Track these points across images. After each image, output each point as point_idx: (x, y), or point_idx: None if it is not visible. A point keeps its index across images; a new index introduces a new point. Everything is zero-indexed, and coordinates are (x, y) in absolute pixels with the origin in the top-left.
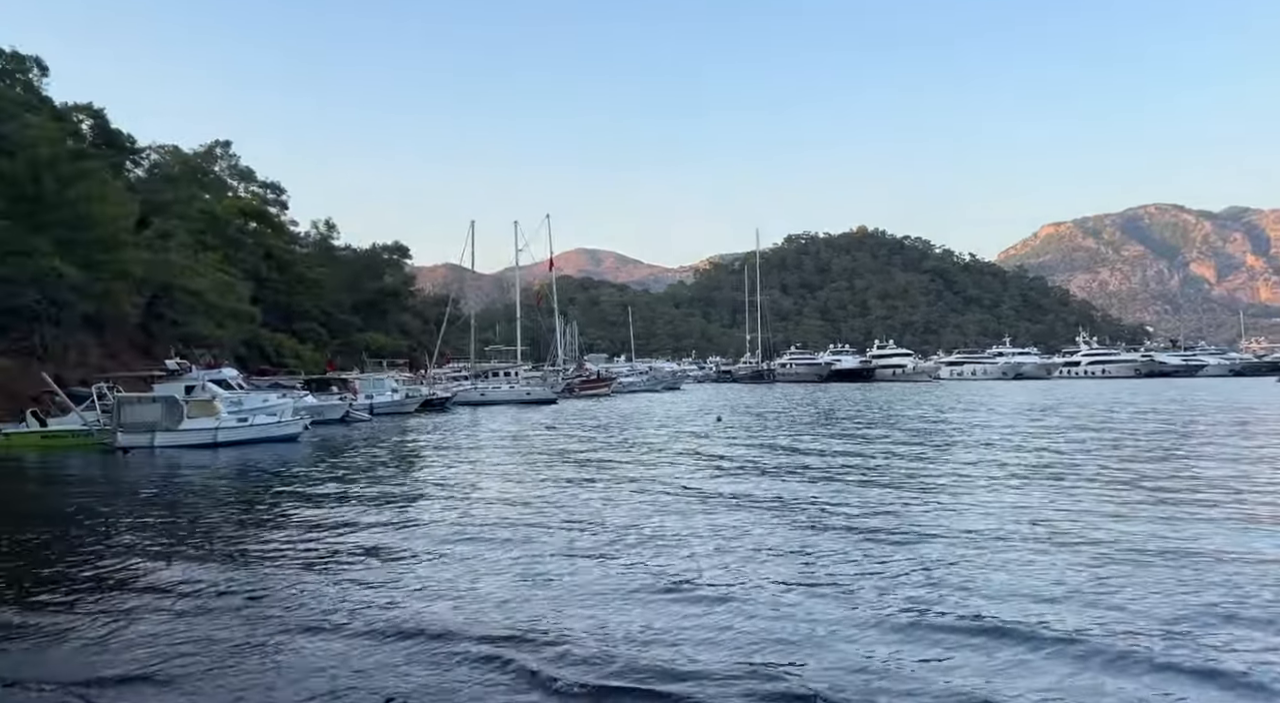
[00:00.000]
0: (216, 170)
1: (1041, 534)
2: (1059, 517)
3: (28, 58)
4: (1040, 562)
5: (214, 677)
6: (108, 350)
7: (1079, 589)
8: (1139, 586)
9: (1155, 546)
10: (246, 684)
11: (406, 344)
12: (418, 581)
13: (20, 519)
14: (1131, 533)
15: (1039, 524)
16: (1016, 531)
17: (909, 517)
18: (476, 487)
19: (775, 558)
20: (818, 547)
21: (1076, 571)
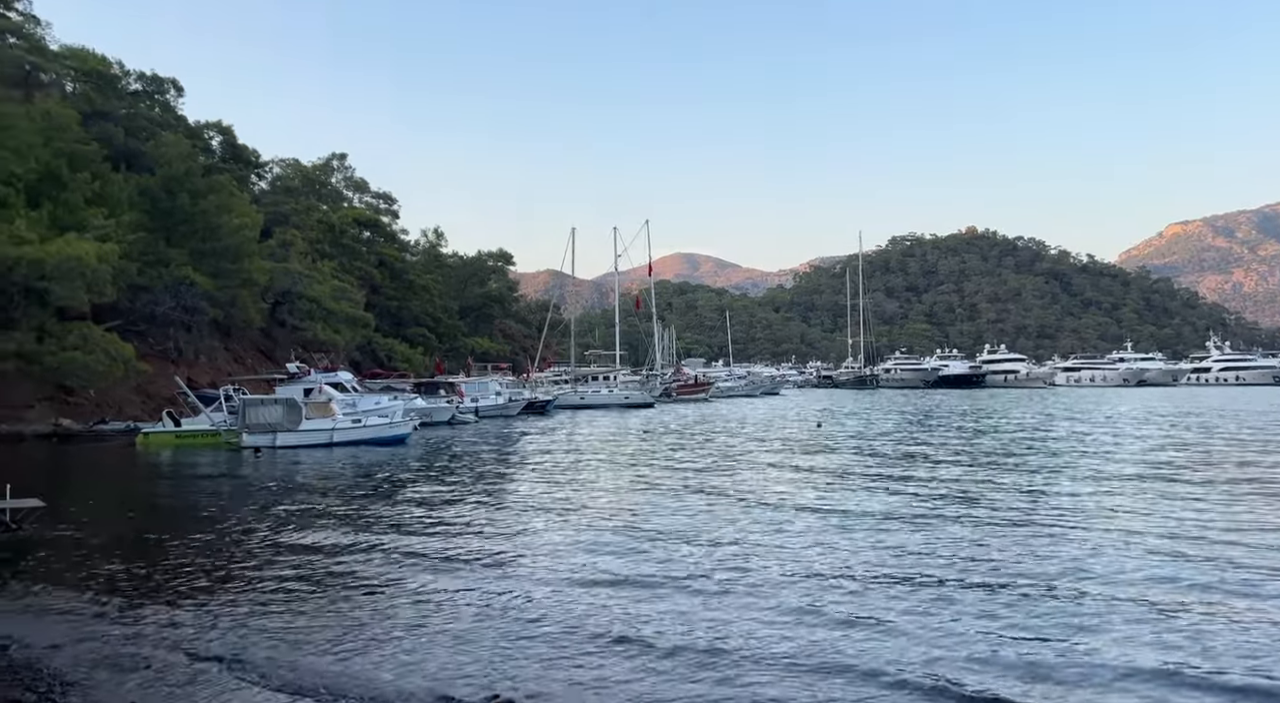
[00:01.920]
0: (333, 182)
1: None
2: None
3: (165, 80)
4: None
5: (344, 657)
6: (234, 355)
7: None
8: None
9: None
10: (386, 664)
11: (510, 348)
12: (525, 579)
13: (172, 512)
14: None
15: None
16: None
17: (1039, 553)
18: (577, 491)
19: (891, 586)
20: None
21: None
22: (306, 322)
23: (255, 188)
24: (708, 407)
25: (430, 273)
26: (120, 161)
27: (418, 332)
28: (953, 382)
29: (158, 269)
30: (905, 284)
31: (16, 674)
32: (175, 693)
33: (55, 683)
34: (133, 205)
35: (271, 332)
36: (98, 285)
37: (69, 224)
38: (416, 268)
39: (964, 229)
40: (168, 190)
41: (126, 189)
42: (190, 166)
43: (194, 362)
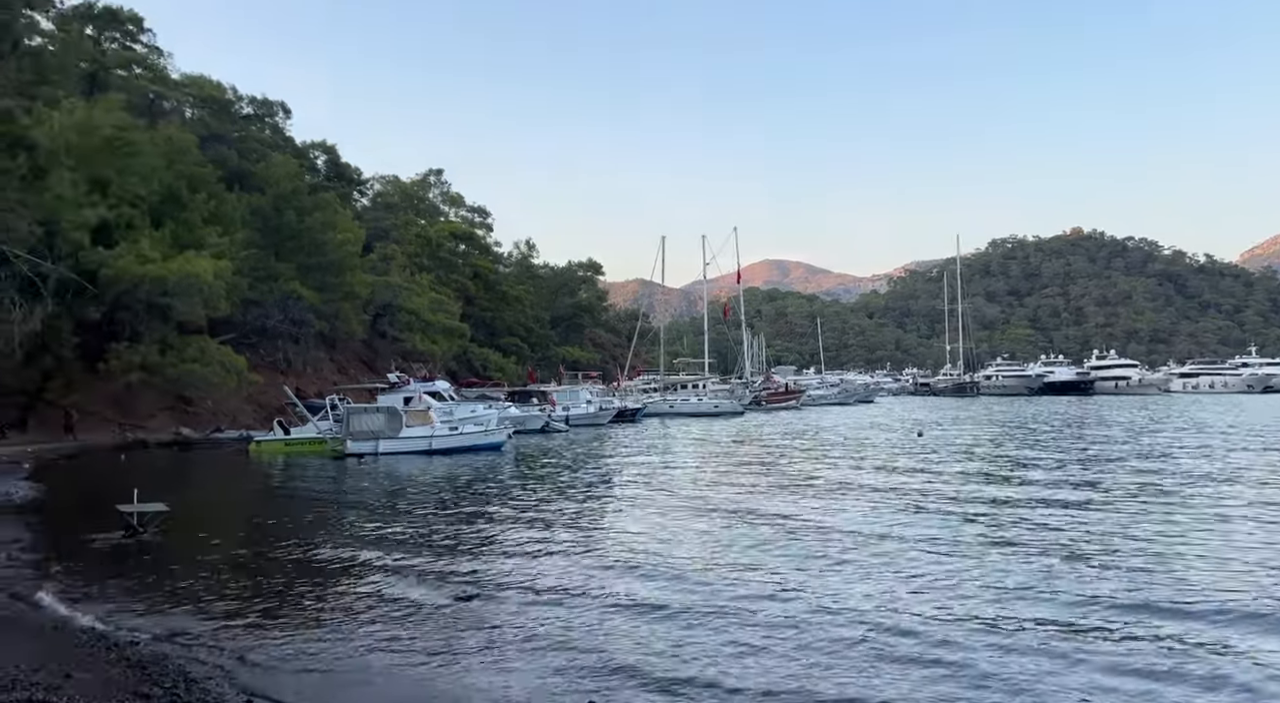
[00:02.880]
0: (430, 197)
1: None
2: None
3: (274, 103)
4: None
5: (448, 666)
6: (338, 365)
7: None
8: None
9: None
10: (483, 675)
11: (599, 357)
12: (620, 584)
13: (284, 517)
14: None
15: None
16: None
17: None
18: (670, 500)
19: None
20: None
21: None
22: (406, 333)
23: (357, 204)
24: (799, 415)
25: (522, 284)
26: (234, 182)
27: (511, 341)
28: (1059, 389)
29: (268, 284)
30: (1006, 288)
31: (145, 670)
32: (290, 687)
33: (180, 679)
34: (245, 223)
35: (373, 343)
36: (213, 300)
37: (188, 242)
38: (509, 279)
39: (1069, 230)
40: (277, 208)
41: (239, 208)
42: (297, 185)
43: (301, 372)
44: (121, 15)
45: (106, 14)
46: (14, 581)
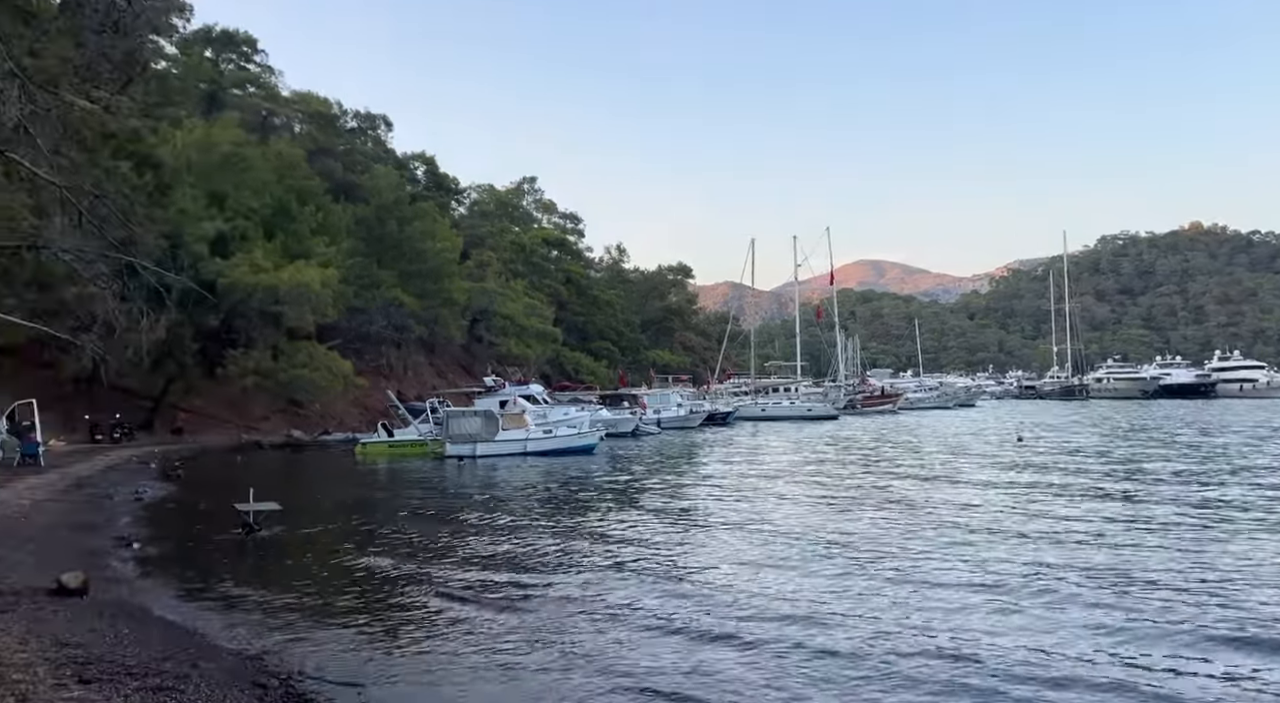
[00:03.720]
0: (524, 204)
1: None
2: None
3: (377, 116)
4: None
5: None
6: (438, 369)
7: None
8: None
9: None
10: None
11: (690, 361)
12: (719, 590)
13: (388, 516)
14: None
15: None
16: None
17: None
18: (763, 505)
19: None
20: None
21: None
22: (501, 337)
23: (455, 213)
24: (896, 419)
25: (613, 288)
26: (339, 194)
27: (602, 345)
28: (1176, 392)
29: (371, 291)
30: (1117, 287)
31: (262, 661)
32: (387, 680)
33: (294, 672)
34: (349, 233)
35: (470, 347)
36: (321, 307)
37: (297, 252)
38: (600, 284)
39: (1186, 225)
40: (379, 218)
41: (344, 218)
42: (399, 196)
43: (403, 376)
44: (237, 37)
45: (224, 37)
46: (144, 574)
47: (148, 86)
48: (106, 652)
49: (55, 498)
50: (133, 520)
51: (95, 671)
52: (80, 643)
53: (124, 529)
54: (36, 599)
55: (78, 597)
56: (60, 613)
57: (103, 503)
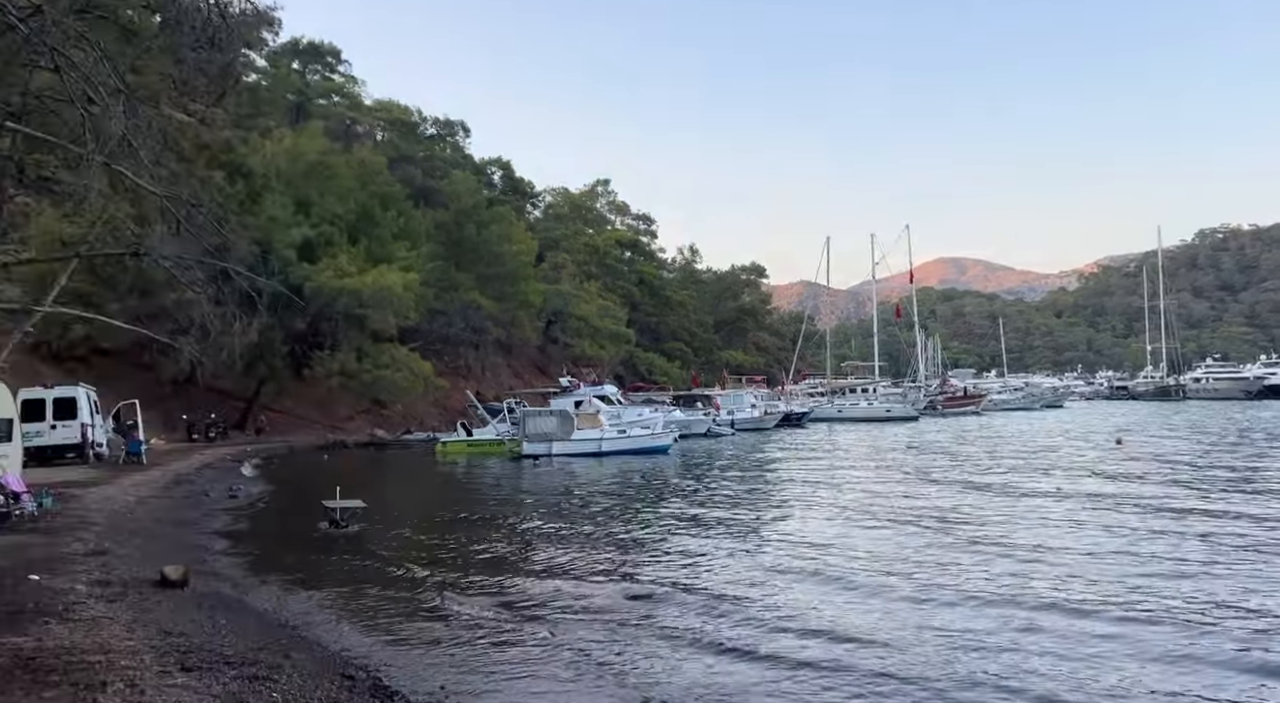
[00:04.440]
0: (597, 207)
1: None
2: None
3: (455, 123)
4: None
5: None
6: (514, 370)
7: None
8: None
9: None
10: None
11: (764, 361)
12: (790, 599)
13: (469, 513)
14: None
15: None
16: None
17: None
18: (838, 512)
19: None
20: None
21: None
22: (575, 338)
23: (530, 216)
24: (979, 420)
25: (686, 289)
26: (419, 199)
27: (675, 346)
28: None
29: (450, 294)
30: (1217, 282)
31: (351, 653)
32: (466, 675)
33: (381, 665)
34: (429, 237)
35: (545, 348)
36: (403, 310)
37: (380, 257)
38: (673, 284)
39: None
40: (458, 223)
41: (424, 223)
42: (476, 200)
43: (481, 377)
44: (323, 49)
45: (310, 48)
46: (238, 568)
47: (239, 99)
48: (205, 641)
49: (157, 494)
50: (228, 517)
51: (196, 659)
52: (182, 632)
53: (220, 525)
54: (142, 590)
55: (179, 589)
56: (163, 604)
57: (200, 500)
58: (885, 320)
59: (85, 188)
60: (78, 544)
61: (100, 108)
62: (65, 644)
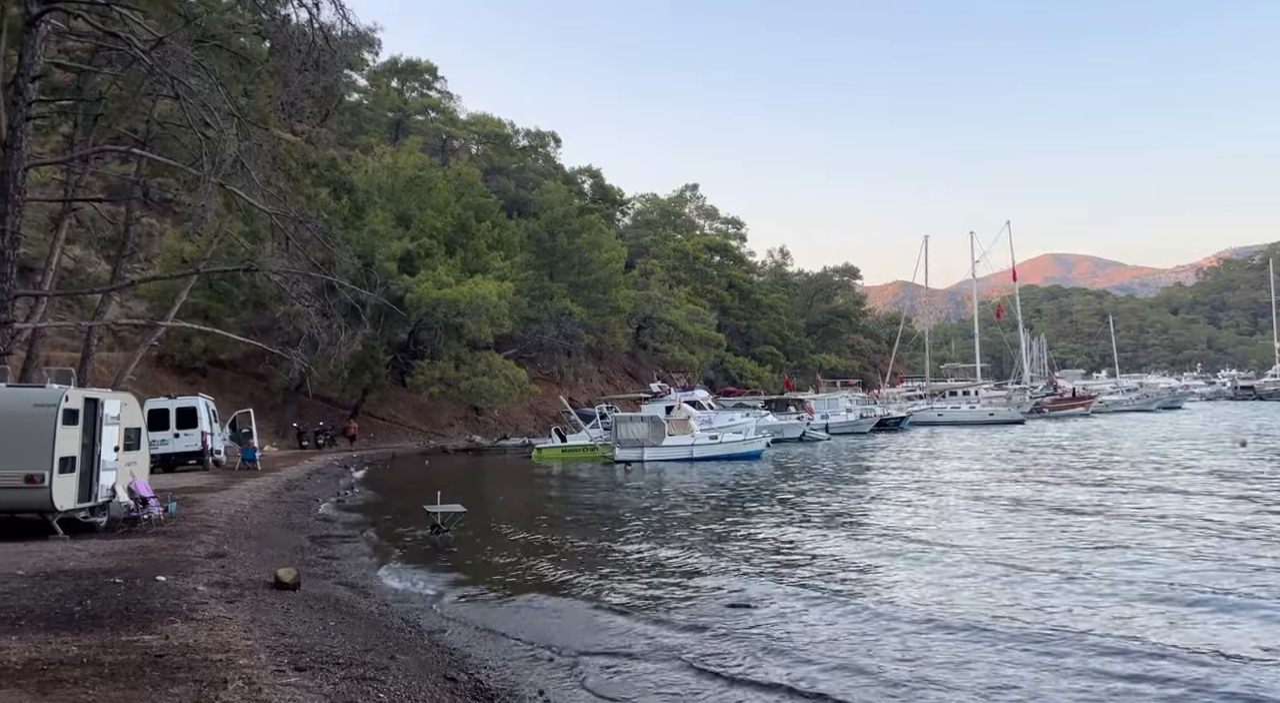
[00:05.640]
0: (686, 212)
1: None
2: None
3: (546, 134)
4: None
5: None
6: (606, 376)
7: None
8: None
9: None
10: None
11: (859, 364)
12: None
13: (565, 518)
14: None
15: None
16: None
17: None
18: (939, 517)
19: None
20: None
21: None
22: (665, 344)
23: (620, 223)
24: (1089, 422)
25: (776, 292)
26: (512, 210)
27: (766, 350)
28: None
29: (543, 302)
30: None
31: (452, 655)
32: (566, 679)
33: (481, 667)
34: (522, 247)
35: (636, 354)
36: (498, 319)
37: (475, 267)
38: (763, 288)
39: None
40: (550, 232)
41: (518, 233)
42: (567, 209)
43: (573, 383)
44: (420, 66)
45: (408, 67)
46: (345, 570)
47: (343, 118)
48: (316, 642)
49: (269, 500)
50: (336, 521)
51: (308, 659)
52: (294, 633)
53: (328, 529)
54: (258, 592)
55: (291, 590)
56: (277, 605)
57: (310, 504)
58: (986, 320)
59: (203, 208)
60: (199, 547)
61: (216, 131)
62: (190, 643)
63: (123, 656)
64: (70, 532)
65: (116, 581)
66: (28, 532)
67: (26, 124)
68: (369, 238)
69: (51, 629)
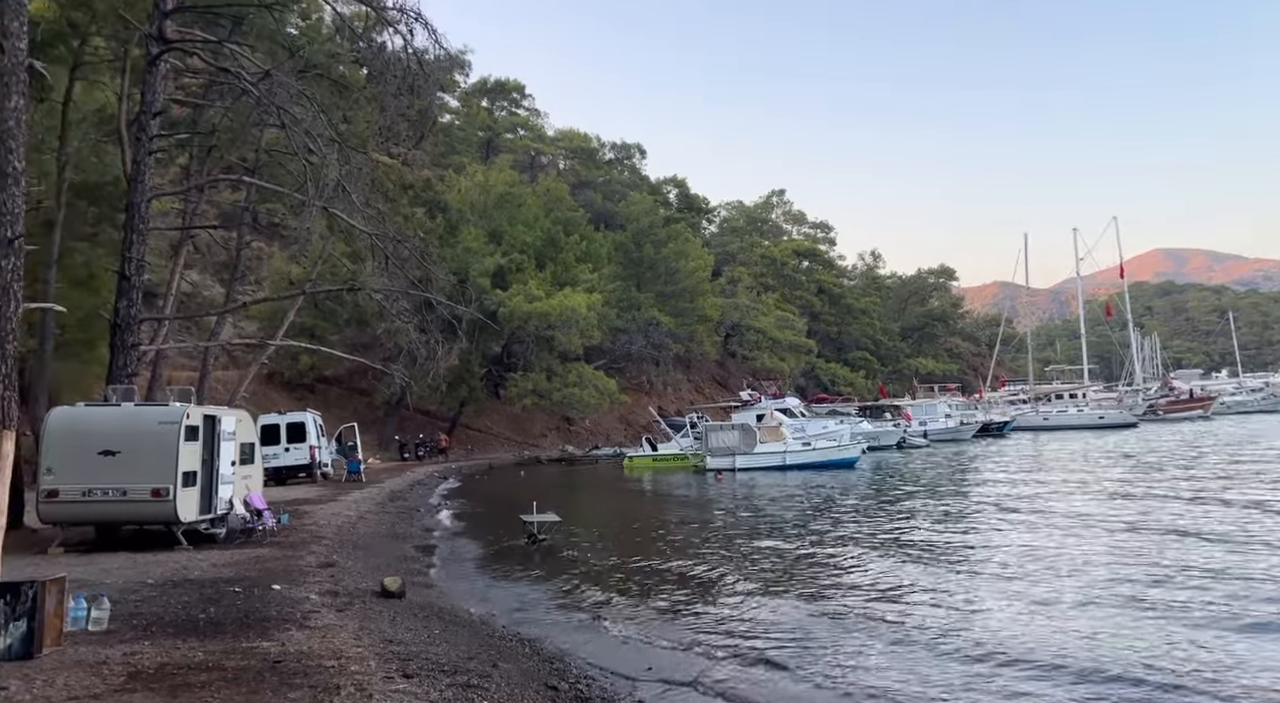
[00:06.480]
0: (772, 218)
1: None
2: None
3: (631, 146)
4: None
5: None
6: (694, 385)
7: None
8: None
9: None
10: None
11: (957, 368)
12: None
13: (659, 527)
14: None
15: None
16: None
17: None
18: (1050, 530)
19: None
20: None
21: None
22: (754, 351)
23: (705, 232)
24: (1209, 425)
25: (868, 296)
26: (599, 222)
27: (859, 355)
28: None
29: (631, 313)
30: None
31: (553, 664)
32: (666, 693)
33: (582, 677)
34: (610, 259)
35: (724, 362)
36: (588, 330)
37: (565, 280)
38: (854, 292)
39: None
40: (636, 243)
41: (605, 245)
42: (653, 220)
43: (662, 392)
44: (508, 85)
45: (497, 86)
46: (447, 579)
47: (436, 139)
48: (422, 649)
49: (374, 510)
50: (437, 531)
51: (415, 666)
52: (401, 640)
53: (429, 539)
54: (365, 600)
55: (397, 599)
56: (384, 613)
57: (412, 515)
58: (1093, 320)
59: (308, 230)
60: (310, 557)
61: (319, 157)
62: (304, 649)
63: (244, 661)
64: (193, 543)
65: (236, 589)
66: (155, 543)
67: (149, 158)
68: (463, 255)
69: (179, 635)
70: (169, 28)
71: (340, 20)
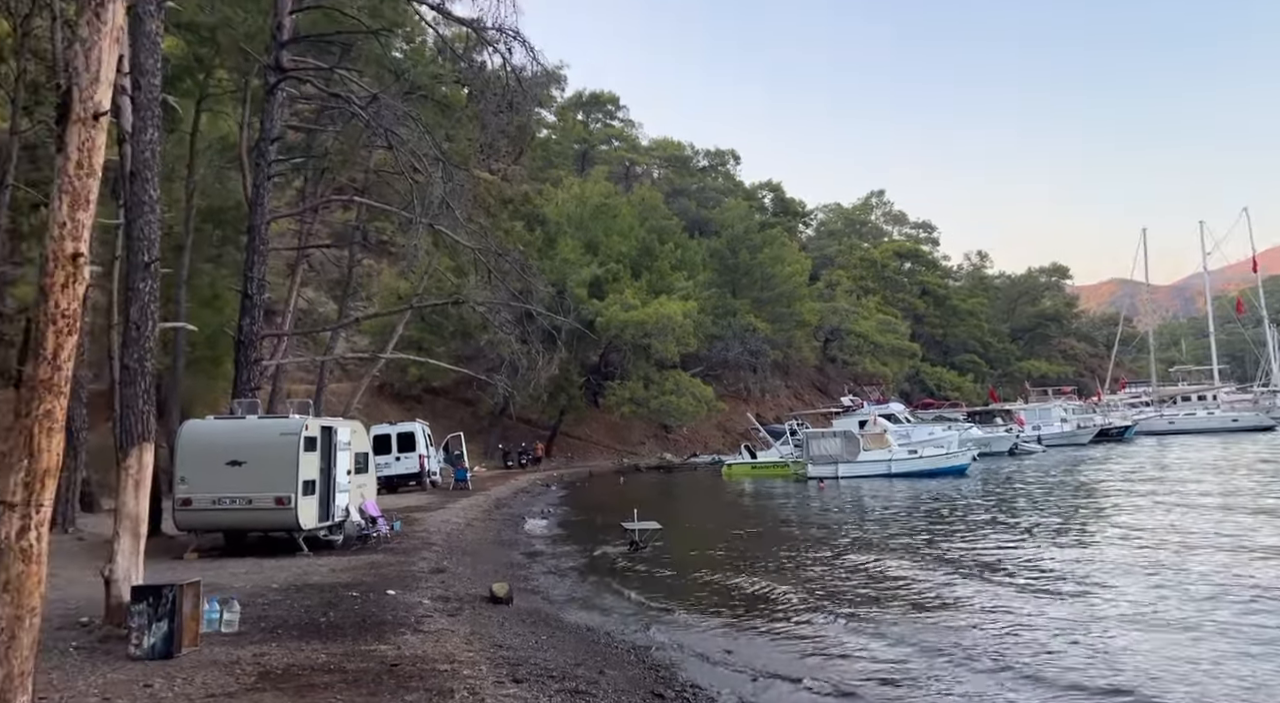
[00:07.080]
0: (872, 219)
1: None
2: None
3: (725, 152)
4: None
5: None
6: (793, 391)
7: None
8: None
9: None
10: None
11: (1072, 370)
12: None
13: (760, 536)
14: None
15: None
16: None
17: None
18: (1182, 545)
19: None
20: None
21: None
22: (855, 356)
23: (802, 235)
24: None
25: (975, 296)
26: (694, 230)
27: (966, 359)
28: None
29: (727, 319)
30: None
31: (659, 673)
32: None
33: (688, 685)
34: (705, 266)
35: (824, 368)
36: (684, 338)
37: (660, 288)
38: (960, 293)
39: None
40: (731, 249)
41: (700, 252)
42: (748, 225)
43: (760, 399)
44: (603, 98)
45: (592, 99)
46: (552, 585)
47: (534, 154)
48: (530, 655)
49: (481, 517)
50: (541, 537)
51: (524, 671)
52: (510, 646)
53: (534, 545)
54: (475, 606)
55: (505, 605)
56: (493, 618)
57: (517, 522)
58: (1223, 317)
59: (414, 247)
60: (422, 562)
61: (424, 176)
62: (419, 653)
63: (363, 664)
64: (313, 549)
65: (354, 594)
66: (279, 549)
67: (268, 182)
68: (560, 266)
69: (303, 638)
70: (285, 58)
71: (442, 42)
